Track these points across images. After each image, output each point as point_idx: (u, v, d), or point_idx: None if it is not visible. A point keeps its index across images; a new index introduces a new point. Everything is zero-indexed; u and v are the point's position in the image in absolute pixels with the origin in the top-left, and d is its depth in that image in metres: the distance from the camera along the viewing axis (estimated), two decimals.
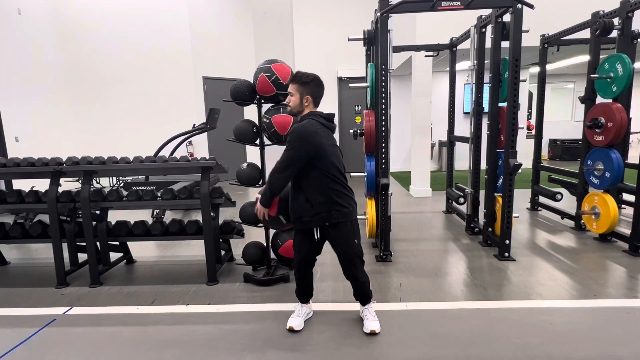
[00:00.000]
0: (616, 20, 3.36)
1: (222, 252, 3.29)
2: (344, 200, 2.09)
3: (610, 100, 3.42)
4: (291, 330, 2.21)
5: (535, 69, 6.82)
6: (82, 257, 3.14)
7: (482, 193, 3.81)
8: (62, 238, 2.99)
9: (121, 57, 7.14)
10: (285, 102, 2.16)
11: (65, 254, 3.02)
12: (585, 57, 3.74)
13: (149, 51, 7.11)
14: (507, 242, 3.27)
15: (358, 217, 2.16)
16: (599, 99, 3.56)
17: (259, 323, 2.34)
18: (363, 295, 2.24)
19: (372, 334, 2.15)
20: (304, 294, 2.34)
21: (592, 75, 3.53)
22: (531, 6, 2.92)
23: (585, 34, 3.81)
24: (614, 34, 3.41)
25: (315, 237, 2.15)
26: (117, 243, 3.33)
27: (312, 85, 2.12)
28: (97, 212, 3.10)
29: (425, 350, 2.01)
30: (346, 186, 2.13)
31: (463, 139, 4.33)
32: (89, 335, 2.27)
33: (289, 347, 2.08)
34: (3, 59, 5.94)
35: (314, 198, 2.06)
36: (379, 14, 3.18)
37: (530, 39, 3.58)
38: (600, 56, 3.64)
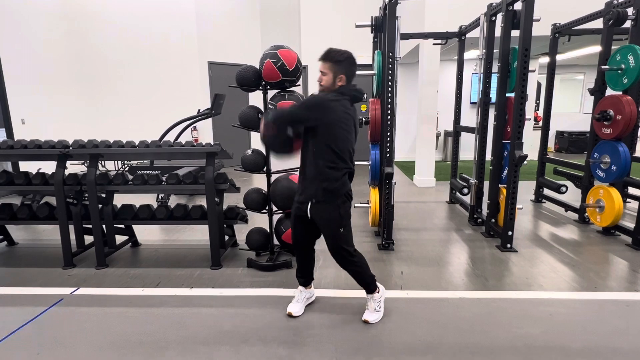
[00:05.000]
0: (630, 10, 3.29)
1: (226, 237, 3.33)
2: (335, 183, 2.01)
3: (621, 93, 3.38)
4: (290, 315, 2.24)
5: (545, 59, 6.69)
6: (89, 239, 3.19)
7: (486, 184, 3.81)
8: (69, 220, 3.03)
9: (127, 42, 7.10)
10: (317, 80, 2.04)
11: (72, 236, 3.07)
12: (597, 48, 3.68)
13: (155, 36, 7.07)
14: (510, 233, 3.28)
15: (361, 205, 2.15)
16: (609, 91, 3.51)
17: (261, 307, 2.37)
18: (362, 283, 2.23)
19: (365, 322, 2.17)
20: (302, 276, 2.34)
21: (602, 67, 3.47)
22: None
23: (598, 24, 3.74)
24: (627, 24, 3.34)
25: (308, 215, 2.10)
26: (122, 226, 3.38)
27: (345, 63, 1.99)
28: (103, 195, 3.14)
29: (425, 338, 2.04)
30: (342, 168, 2.02)
31: (469, 129, 4.30)
32: (95, 315, 2.32)
33: (290, 331, 2.12)
34: (9, 42, 5.93)
35: (308, 172, 2.04)
36: (387, 0, 3.13)
37: (541, 28, 3.52)
38: (612, 47, 3.57)
